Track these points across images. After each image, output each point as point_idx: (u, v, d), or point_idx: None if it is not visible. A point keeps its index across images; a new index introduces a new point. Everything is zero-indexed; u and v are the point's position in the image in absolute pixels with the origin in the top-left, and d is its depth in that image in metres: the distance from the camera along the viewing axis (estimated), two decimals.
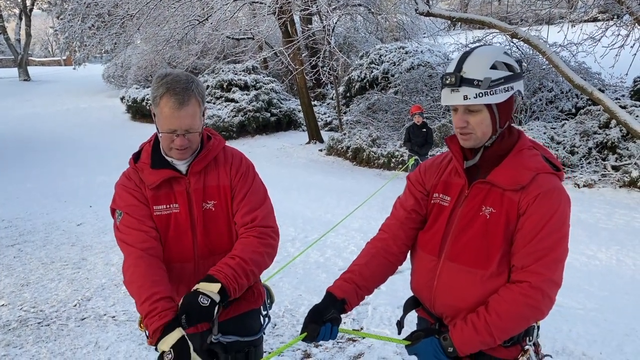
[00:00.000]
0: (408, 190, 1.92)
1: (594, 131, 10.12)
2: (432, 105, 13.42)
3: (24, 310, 4.82)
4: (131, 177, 1.99)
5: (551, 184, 1.61)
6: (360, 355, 3.74)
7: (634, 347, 3.69)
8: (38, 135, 18.25)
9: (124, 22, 17.31)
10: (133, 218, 1.91)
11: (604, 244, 6.07)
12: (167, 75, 1.83)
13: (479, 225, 1.66)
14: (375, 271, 1.84)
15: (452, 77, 1.60)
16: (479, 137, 1.66)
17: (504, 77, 1.59)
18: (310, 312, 1.74)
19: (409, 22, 19.06)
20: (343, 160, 13.49)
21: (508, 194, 1.63)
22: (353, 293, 1.80)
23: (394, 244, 1.87)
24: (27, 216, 8.53)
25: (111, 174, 12.68)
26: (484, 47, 1.68)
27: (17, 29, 35.31)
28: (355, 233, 6.85)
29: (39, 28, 49.64)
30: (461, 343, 1.62)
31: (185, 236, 1.94)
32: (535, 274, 1.56)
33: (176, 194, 1.94)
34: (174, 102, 1.78)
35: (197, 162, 1.95)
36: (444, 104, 1.68)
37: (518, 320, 1.59)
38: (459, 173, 1.74)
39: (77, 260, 6.23)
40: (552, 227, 1.57)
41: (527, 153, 1.67)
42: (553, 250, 1.57)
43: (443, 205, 1.77)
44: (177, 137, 1.83)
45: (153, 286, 1.75)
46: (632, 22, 8.76)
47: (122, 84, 25.59)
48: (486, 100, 1.58)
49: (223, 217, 1.99)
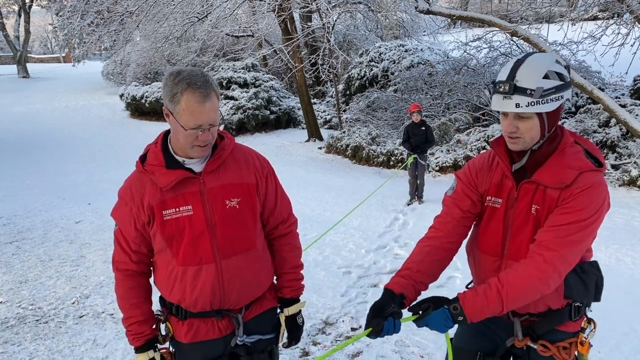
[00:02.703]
0: (461, 191, 1.96)
1: (593, 130, 10.11)
2: (432, 104, 13.39)
3: (22, 307, 4.82)
4: (132, 186, 1.91)
5: (592, 180, 1.67)
6: (358, 353, 3.74)
7: (632, 346, 3.69)
8: (37, 132, 18.21)
9: (123, 19, 17.25)
10: (122, 236, 1.95)
11: (603, 242, 6.06)
12: (182, 71, 1.77)
13: (532, 224, 1.75)
14: (430, 267, 1.91)
15: (505, 85, 1.65)
16: (527, 142, 1.73)
17: (555, 87, 1.65)
18: (371, 309, 1.78)
19: (408, 20, 19.02)
20: (342, 158, 13.47)
21: (549, 191, 1.71)
22: (411, 288, 1.85)
23: (447, 241, 1.93)
24: (26, 213, 8.51)
25: (110, 171, 12.66)
26: (536, 55, 1.71)
27: (16, 26, 35.26)
28: (355, 231, 6.85)
29: (38, 25, 49.56)
30: (472, 312, 1.69)
31: (203, 237, 1.88)
32: (550, 250, 1.64)
33: (188, 195, 1.87)
34: (199, 96, 1.73)
35: (213, 161, 1.90)
36: (496, 109, 1.74)
37: (528, 291, 1.66)
38: (507, 175, 1.83)
39: (75, 257, 6.22)
40: (581, 215, 1.64)
41: (570, 151, 1.73)
42: (574, 233, 1.64)
43: (495, 207, 1.86)
44: (202, 132, 1.78)
45: (130, 309, 1.96)
46: (632, 20, 8.74)
47: (121, 81, 25.55)
48: (538, 109, 1.64)
49: (248, 214, 1.96)
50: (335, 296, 4.71)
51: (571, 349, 1.84)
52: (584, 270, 1.80)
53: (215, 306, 1.93)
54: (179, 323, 1.97)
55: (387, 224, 7.21)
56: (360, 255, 5.96)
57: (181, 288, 1.90)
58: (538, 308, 1.82)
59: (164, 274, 1.94)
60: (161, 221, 1.86)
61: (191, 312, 1.94)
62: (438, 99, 13.57)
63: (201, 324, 1.95)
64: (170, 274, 1.91)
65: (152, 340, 1.98)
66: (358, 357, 3.69)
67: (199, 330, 1.95)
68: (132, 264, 1.95)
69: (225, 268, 1.90)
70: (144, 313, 1.97)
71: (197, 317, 1.94)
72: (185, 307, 1.93)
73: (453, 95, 13.37)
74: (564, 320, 1.83)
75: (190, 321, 1.95)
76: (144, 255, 1.97)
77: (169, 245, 1.88)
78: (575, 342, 1.85)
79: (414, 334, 3.93)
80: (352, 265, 5.62)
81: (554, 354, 1.83)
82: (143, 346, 1.95)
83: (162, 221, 1.86)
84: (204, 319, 1.95)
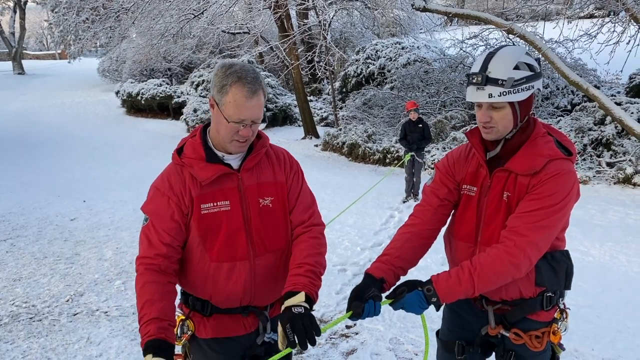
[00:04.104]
0: (439, 180, 2.05)
1: (589, 128, 10.14)
2: (428, 101, 13.39)
3: (15, 305, 4.79)
4: (170, 178, 1.86)
5: (560, 168, 1.75)
6: (353, 351, 3.74)
7: (625, 343, 3.71)
8: (32, 130, 18.14)
9: (118, 15, 17.20)
10: (153, 229, 1.82)
11: (597, 240, 6.09)
12: (234, 64, 1.77)
13: (504, 210, 1.83)
14: (409, 253, 1.97)
15: (478, 76, 1.75)
16: (500, 131, 1.82)
17: (525, 77, 1.74)
18: (352, 292, 1.83)
19: (405, 17, 18.97)
20: (338, 155, 13.47)
21: (520, 178, 1.79)
22: (390, 273, 1.91)
23: (425, 229, 2.01)
24: (20, 211, 8.48)
25: (105, 168, 12.61)
26: (507, 48, 1.82)
27: (11, 22, 35.07)
28: (350, 229, 6.85)
29: (33, 21, 49.32)
30: (445, 294, 1.76)
31: (239, 234, 1.86)
32: (521, 235, 1.71)
33: (227, 190, 1.85)
34: (247, 91, 1.73)
35: (251, 158, 1.90)
36: (470, 100, 1.83)
37: (499, 275, 1.73)
38: (482, 164, 1.92)
39: (70, 255, 6.20)
40: (550, 200, 1.71)
41: (541, 140, 1.82)
42: (543, 219, 1.71)
43: (470, 195, 1.95)
44: (243, 127, 1.77)
45: (144, 307, 1.74)
46: (627, 18, 8.75)
47: (117, 78, 25.48)
48: (509, 98, 1.74)
49: (280, 213, 1.95)
50: (330, 294, 4.72)
51: (543, 338, 1.90)
52: (555, 258, 1.86)
53: (245, 303, 1.92)
54: (202, 319, 1.93)
55: (383, 222, 7.21)
56: (356, 252, 5.97)
57: (214, 284, 1.87)
58: (510, 294, 1.88)
59: (195, 269, 1.89)
60: (199, 215, 1.84)
61: (218, 308, 1.91)
62: (434, 97, 13.58)
63: (228, 320, 1.93)
64: (202, 269, 1.87)
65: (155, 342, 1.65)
66: (353, 354, 3.69)
67: (225, 326, 1.92)
68: (159, 259, 1.80)
69: (258, 266, 1.89)
70: (155, 310, 1.71)
71: (224, 313, 1.92)
72: (215, 303, 1.90)
73: (449, 93, 13.39)
74: (535, 310, 1.88)
75: (216, 317, 1.92)
76: (174, 250, 1.83)
77: (203, 240, 1.85)
78: (548, 331, 1.90)
79: (409, 331, 3.94)
80: (348, 263, 5.62)
81: (526, 342, 1.90)
82: (144, 349, 1.65)
83: (199, 215, 1.84)
84: (231, 315, 1.92)
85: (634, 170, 8.64)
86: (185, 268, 1.93)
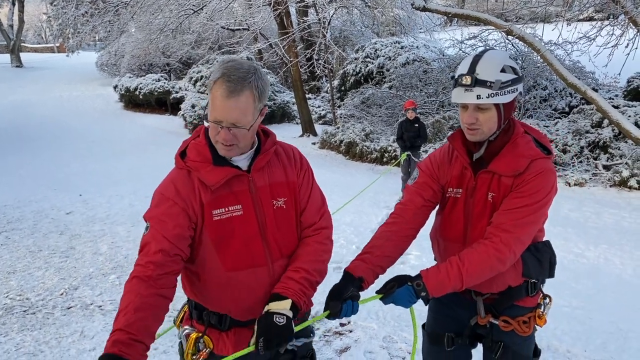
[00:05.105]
0: (424, 182, 2.07)
1: (586, 130, 10.16)
2: (427, 101, 13.40)
3: (9, 298, 4.79)
4: (177, 182, 1.71)
5: (542, 167, 1.81)
6: (346, 348, 3.75)
7: (617, 345, 3.72)
8: (30, 122, 18.08)
9: (118, 9, 17.15)
10: (151, 236, 1.65)
11: (592, 242, 6.10)
12: (230, 60, 1.66)
13: (489, 210, 1.88)
14: (389, 252, 2.00)
15: (467, 77, 1.78)
16: (484, 132, 1.85)
17: (511, 80, 1.80)
18: (330, 291, 1.85)
19: (405, 16, 18.98)
20: (336, 154, 13.47)
21: (504, 179, 1.85)
22: (369, 272, 1.93)
23: (407, 227, 2.03)
24: (16, 204, 8.46)
25: (102, 163, 12.59)
26: (493, 52, 1.87)
27: (9, 15, 34.92)
28: (346, 227, 6.85)
29: (32, 14, 49.08)
30: (434, 288, 1.80)
31: (255, 239, 1.74)
32: (506, 232, 1.78)
33: (237, 194, 1.72)
34: (225, 90, 1.59)
35: (261, 158, 1.77)
36: (457, 101, 1.84)
37: (486, 270, 1.79)
38: (466, 167, 1.95)
39: (65, 249, 6.19)
40: (533, 198, 1.79)
41: (521, 141, 1.87)
42: (527, 215, 1.79)
43: (457, 197, 1.98)
44: (221, 129, 1.63)
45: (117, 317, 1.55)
46: (626, 22, 8.77)
47: (115, 72, 25.39)
48: (496, 100, 1.78)
49: (293, 214, 1.84)
50: (325, 292, 4.71)
51: (530, 323, 1.98)
52: (538, 249, 1.94)
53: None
54: (221, 335, 1.80)
55: (379, 220, 7.22)
56: (351, 251, 5.97)
57: (231, 295, 1.76)
58: (499, 287, 1.95)
59: (209, 281, 1.76)
60: (210, 222, 1.70)
61: (237, 321, 1.79)
62: (433, 97, 13.59)
63: (248, 333, 1.74)
64: (217, 280, 1.75)
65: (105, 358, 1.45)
66: (346, 352, 3.70)
67: (247, 339, 1.73)
68: (150, 266, 1.60)
69: (276, 271, 1.79)
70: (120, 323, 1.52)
71: (244, 326, 1.79)
72: (235, 316, 1.78)
73: (448, 93, 13.38)
74: (521, 296, 1.96)
75: (236, 331, 1.80)
76: (170, 259, 1.63)
77: (217, 248, 1.71)
78: (534, 316, 1.99)
79: (402, 330, 3.95)
80: (343, 261, 5.62)
81: (515, 328, 1.96)
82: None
83: (211, 222, 1.70)
84: (250, 327, 1.73)
85: (630, 174, 8.66)
86: (198, 280, 1.79)
